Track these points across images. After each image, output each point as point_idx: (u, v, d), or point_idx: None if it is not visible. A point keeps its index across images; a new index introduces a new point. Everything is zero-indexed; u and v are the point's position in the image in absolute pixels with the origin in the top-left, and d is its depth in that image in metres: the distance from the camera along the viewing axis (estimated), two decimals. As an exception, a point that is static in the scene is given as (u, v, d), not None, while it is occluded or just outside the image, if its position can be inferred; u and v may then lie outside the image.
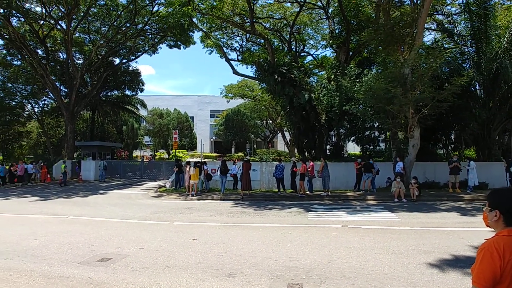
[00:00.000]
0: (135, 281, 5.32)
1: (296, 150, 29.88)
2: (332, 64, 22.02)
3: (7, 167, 23.85)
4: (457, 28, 20.38)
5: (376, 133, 22.45)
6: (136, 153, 49.04)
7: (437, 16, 22.43)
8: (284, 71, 20.22)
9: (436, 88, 14.66)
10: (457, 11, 21.83)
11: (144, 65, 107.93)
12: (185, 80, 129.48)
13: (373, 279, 5.20)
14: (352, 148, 40.41)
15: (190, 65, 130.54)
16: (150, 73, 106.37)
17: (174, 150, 32.04)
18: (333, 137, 23.62)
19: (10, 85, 31.62)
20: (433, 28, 23.77)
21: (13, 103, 31.99)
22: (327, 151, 23.27)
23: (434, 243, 7.19)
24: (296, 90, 20.07)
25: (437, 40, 21.13)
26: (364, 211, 11.37)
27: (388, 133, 25.56)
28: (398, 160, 15.41)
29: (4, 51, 30.19)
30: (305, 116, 21.31)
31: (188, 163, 17.28)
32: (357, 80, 17.83)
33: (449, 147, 21.20)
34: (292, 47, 25.82)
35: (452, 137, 20.93)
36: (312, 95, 21.01)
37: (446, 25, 21.14)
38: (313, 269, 5.68)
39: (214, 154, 48.97)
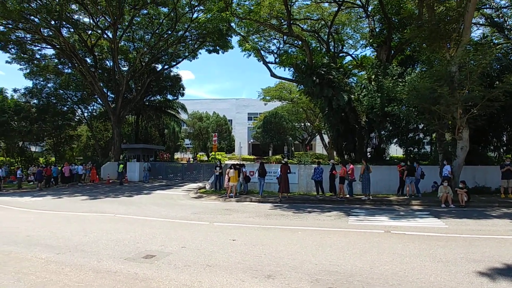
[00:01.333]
0: (178, 278, 5.50)
1: (335, 153, 29.34)
2: (373, 64, 21.36)
3: (60, 168, 25.71)
4: (507, 22, 18.95)
5: (421, 135, 21.40)
6: (177, 155, 50.72)
7: (485, 10, 21.00)
8: (322, 72, 19.94)
9: (486, 86, 13.73)
10: (506, 4, 20.31)
11: (184, 70, 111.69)
12: (223, 84, 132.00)
13: (418, 287, 4.98)
14: (395, 150, 38.87)
15: (227, 69, 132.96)
16: (190, 78, 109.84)
17: (213, 153, 32.73)
18: (374, 139, 22.86)
19: (62, 91, 34.09)
20: (481, 23, 22.27)
21: (65, 108, 34.41)
22: (368, 153, 22.58)
23: (484, 251, 6.74)
24: (335, 92, 19.70)
25: (485, 35, 19.74)
26: (408, 217, 10.89)
27: (434, 135, 24.30)
28: (445, 163, 14.59)
29: (56, 60, 32.67)
30: (344, 118, 20.85)
31: (232, 166, 17.55)
32: (400, 80, 17.16)
33: (501, 150, 19.65)
34: (331, 47, 25.41)
35: (504, 138, 19.41)
36: (352, 96, 20.53)
37: (495, 19, 19.74)
38: (354, 274, 5.55)
39: (252, 157, 49.34)
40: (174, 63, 34.40)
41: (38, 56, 31.44)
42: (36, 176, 23.83)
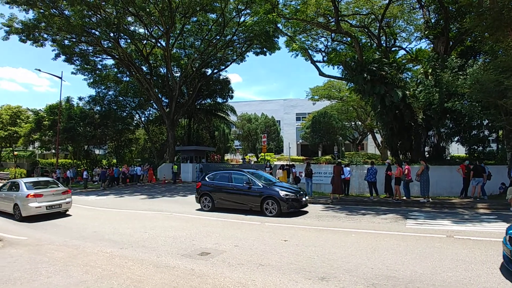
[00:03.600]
0: (232, 275, 5.62)
1: (388, 153, 28.00)
2: (429, 57, 20.04)
3: (120, 169, 27.65)
4: None
5: (486, 132, 19.64)
6: (227, 156, 51.87)
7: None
8: (374, 68, 19.15)
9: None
10: None
11: (231, 73, 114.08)
12: (271, 85, 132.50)
13: (486, 297, 4.58)
14: (456, 149, 36.19)
15: (274, 70, 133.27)
16: (238, 80, 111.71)
17: (262, 154, 32.97)
18: (432, 137, 21.44)
19: (121, 98, 36.67)
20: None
21: (124, 114, 36.91)
22: (426, 153, 21.23)
23: None
24: (388, 88, 18.81)
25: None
26: (473, 221, 10.04)
27: (500, 132, 22.14)
28: (515, 162, 13.24)
29: (115, 69, 35.20)
30: (398, 116, 19.83)
31: (280, 166, 17.56)
32: (460, 73, 15.90)
33: None
34: (382, 42, 24.32)
35: None
36: (407, 92, 19.44)
37: None
38: (414, 280, 5.25)
39: (301, 157, 48.84)
40: (223, 67, 35.31)
41: (99, 67, 34.17)
42: (100, 176, 25.88)
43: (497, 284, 4.98)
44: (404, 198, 14.13)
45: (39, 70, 31.85)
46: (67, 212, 13.05)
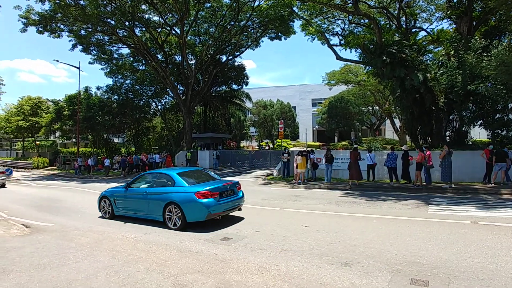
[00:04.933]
0: (255, 260, 5.69)
1: (408, 138, 27.45)
2: (452, 38, 19.27)
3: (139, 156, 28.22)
4: None
5: (510, 116, 18.93)
6: (243, 143, 52.03)
7: None
8: (393, 51, 18.59)
9: None
10: None
11: (245, 60, 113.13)
12: (285, 71, 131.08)
13: (514, 283, 4.47)
14: (477, 134, 35.11)
15: (289, 55, 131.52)
16: (252, 67, 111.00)
17: (279, 140, 32.90)
18: (453, 122, 20.82)
19: (138, 87, 37.05)
20: None
21: (141, 102, 37.35)
22: (447, 138, 20.67)
23: None
24: (408, 71, 18.27)
25: None
26: (498, 207, 9.79)
27: (526, 115, 21.29)
28: (542, 147, 12.74)
29: (131, 58, 35.45)
30: (419, 100, 19.29)
31: (299, 152, 17.47)
32: (485, 54, 15.26)
33: None
34: (402, 23, 23.48)
35: None
36: (428, 75, 18.84)
37: None
38: (439, 266, 5.17)
39: (317, 143, 48.50)
40: (238, 53, 35.04)
41: (115, 56, 34.49)
42: (120, 164, 26.45)
43: (527, 271, 4.86)
44: (425, 183, 13.87)
45: (57, 61, 32.56)
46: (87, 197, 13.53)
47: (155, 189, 8.91)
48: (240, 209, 9.11)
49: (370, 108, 47.29)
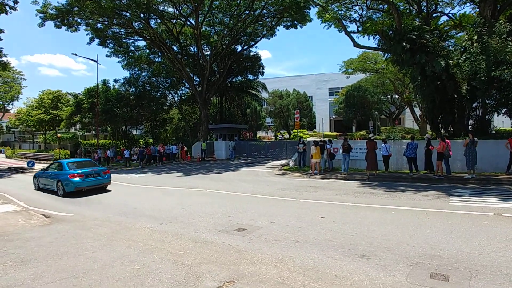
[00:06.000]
0: (270, 251, 5.63)
1: (428, 127, 26.66)
2: (475, 22, 18.40)
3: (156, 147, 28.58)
4: None
5: (536, 104, 18.02)
6: (259, 134, 51.92)
7: None
8: (413, 37, 17.92)
9: None
10: None
11: (261, 50, 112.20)
12: (301, 60, 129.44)
13: (541, 279, 4.24)
14: (501, 123, 33.82)
15: (305, 44, 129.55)
16: (267, 57, 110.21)
17: (295, 130, 32.59)
18: (476, 110, 20.01)
19: (154, 79, 37.36)
20: None
21: (158, 94, 37.68)
22: (469, 126, 19.91)
23: None
24: (429, 57, 17.60)
25: None
26: (524, 198, 9.37)
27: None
28: None
29: (147, 51, 35.67)
30: (440, 87, 18.58)
31: (314, 142, 17.26)
32: (510, 39, 14.52)
33: None
34: (422, 8, 22.59)
35: None
36: (450, 61, 18.11)
37: None
38: (460, 260, 4.97)
39: (334, 133, 47.89)
40: (253, 43, 34.67)
41: (132, 48, 34.77)
42: (138, 155, 26.88)
43: (556, 266, 4.60)
44: (446, 174, 13.44)
45: (75, 55, 33.08)
46: (108, 189, 13.85)
47: (54, 172, 14.23)
48: (105, 188, 14.17)
49: (389, 96, 46.16)
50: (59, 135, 48.06)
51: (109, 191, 13.86)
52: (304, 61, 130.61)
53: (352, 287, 4.23)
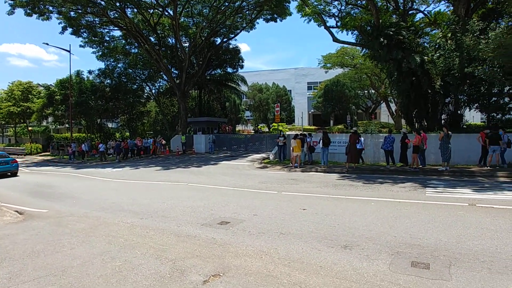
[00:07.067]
0: (254, 244, 5.62)
1: (403, 121, 27.42)
2: (449, 20, 19.01)
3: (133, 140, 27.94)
4: None
5: (506, 99, 18.90)
6: (238, 127, 51.76)
7: None
8: (391, 33, 18.30)
9: None
10: None
11: (239, 43, 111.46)
12: (280, 54, 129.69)
13: (515, 265, 4.45)
14: (471, 118, 35.22)
15: (284, 38, 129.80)
16: (246, 50, 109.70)
17: (275, 124, 32.70)
18: (449, 105, 20.75)
19: (131, 71, 36.37)
20: None
21: (134, 86, 36.76)
22: (442, 121, 20.65)
23: None
24: (405, 53, 18.04)
25: None
26: (494, 189, 9.81)
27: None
28: (538, 129, 12.72)
29: (123, 41, 34.63)
30: (415, 83, 19.12)
31: (295, 135, 17.36)
32: (482, 37, 15.07)
33: None
34: (399, 4, 23.08)
35: None
36: (425, 57, 18.64)
37: None
38: (439, 249, 5.14)
39: (313, 127, 48.42)
40: (232, 36, 34.37)
41: (107, 38, 33.64)
42: (115, 149, 26.19)
43: (526, 253, 4.85)
44: (421, 166, 13.90)
45: (47, 44, 31.57)
46: (83, 184, 13.35)
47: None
48: (10, 174, 18.27)
49: (365, 91, 47.13)
50: (30, 128, 45.98)
51: (85, 186, 13.42)
52: (283, 55, 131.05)
53: (337, 277, 4.29)
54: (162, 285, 4.21)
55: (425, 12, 25.42)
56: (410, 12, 24.71)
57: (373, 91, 44.31)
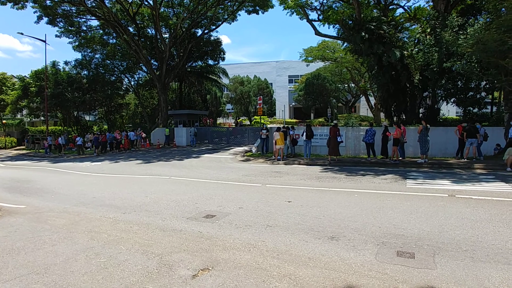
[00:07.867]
0: (241, 237, 5.60)
1: (383, 115, 28.00)
2: (429, 15, 19.45)
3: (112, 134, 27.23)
4: None
5: (483, 94, 19.62)
6: (220, 120, 51.39)
7: None
8: (372, 27, 18.56)
9: None
10: None
11: (220, 35, 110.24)
12: (261, 46, 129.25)
13: (495, 254, 4.62)
14: (447, 111, 36.37)
15: (265, 31, 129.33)
16: (227, 42, 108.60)
17: (257, 117, 32.65)
18: (427, 99, 21.34)
19: (108, 62, 35.28)
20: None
21: (113, 78, 35.71)
22: (420, 114, 21.22)
23: None
24: (386, 48, 18.36)
25: None
26: (472, 180, 10.18)
27: (496, 94, 22.12)
28: (512, 123, 13.28)
29: (101, 31, 33.49)
30: (395, 77, 19.54)
31: (277, 128, 17.39)
32: (461, 32, 15.50)
33: None
34: (381, -1, 23.40)
35: None
36: (405, 52, 19.03)
37: None
38: (422, 238, 5.29)
39: (294, 120, 48.73)
40: (214, 27, 33.89)
41: (84, 28, 32.48)
42: (93, 142, 25.46)
43: (505, 242, 5.04)
44: (401, 158, 14.25)
45: (22, 34, 30.05)
46: (62, 177, 12.89)
47: None
48: None
49: (346, 85, 47.71)
50: (4, 121, 43.99)
51: (63, 180, 12.99)
52: (265, 47, 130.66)
53: (326, 268, 4.33)
54: (150, 280, 4.12)
55: (405, 7, 25.85)
56: (390, 7, 25.07)
57: (353, 85, 44.95)
